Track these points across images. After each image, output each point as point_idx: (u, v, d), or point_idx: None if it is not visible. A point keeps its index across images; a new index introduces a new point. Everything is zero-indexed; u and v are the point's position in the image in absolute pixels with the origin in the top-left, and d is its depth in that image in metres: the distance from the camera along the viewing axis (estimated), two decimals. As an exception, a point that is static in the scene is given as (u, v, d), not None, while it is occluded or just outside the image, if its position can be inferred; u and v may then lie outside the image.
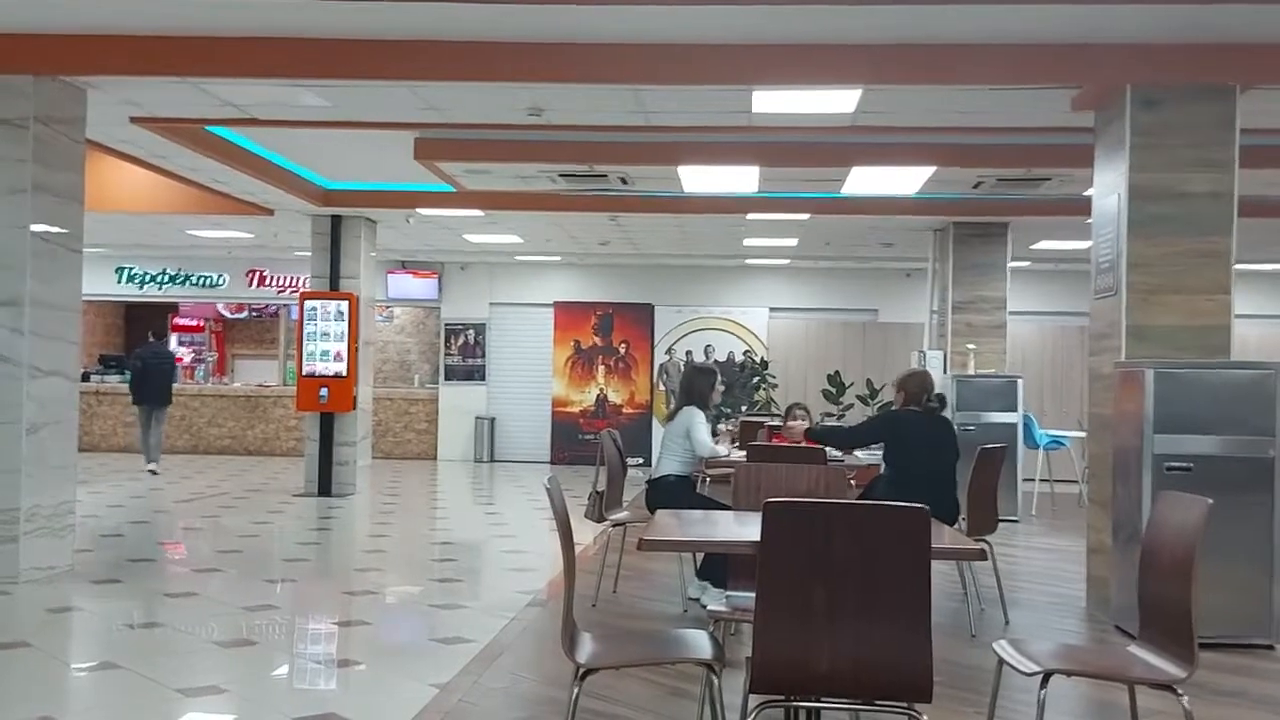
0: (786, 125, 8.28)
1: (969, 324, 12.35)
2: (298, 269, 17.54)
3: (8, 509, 6.97)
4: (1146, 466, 6.10)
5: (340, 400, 12.78)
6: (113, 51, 6.81)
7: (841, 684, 3.08)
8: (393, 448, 17.99)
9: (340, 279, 12.99)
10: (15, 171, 7.04)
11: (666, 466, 6.98)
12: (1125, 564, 6.17)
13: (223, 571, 8.03)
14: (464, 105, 7.95)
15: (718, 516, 4.88)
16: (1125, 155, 6.60)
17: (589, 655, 3.51)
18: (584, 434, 17.39)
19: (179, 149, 9.28)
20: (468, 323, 18.14)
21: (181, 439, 17.75)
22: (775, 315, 17.80)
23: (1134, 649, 3.70)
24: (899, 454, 6.76)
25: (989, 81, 6.87)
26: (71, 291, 7.48)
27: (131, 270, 18.32)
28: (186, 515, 10.97)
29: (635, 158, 9.45)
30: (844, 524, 3.04)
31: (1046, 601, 7.46)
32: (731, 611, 4.10)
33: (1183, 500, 3.59)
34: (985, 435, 10.15)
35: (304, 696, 5.12)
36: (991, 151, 9.18)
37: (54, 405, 7.27)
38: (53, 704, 4.81)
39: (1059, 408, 16.16)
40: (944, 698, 4.59)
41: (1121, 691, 3.99)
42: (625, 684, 4.94)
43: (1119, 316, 6.63)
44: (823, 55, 6.66)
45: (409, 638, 6.43)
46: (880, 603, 3.03)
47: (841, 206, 11.50)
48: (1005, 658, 3.65)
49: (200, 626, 6.20)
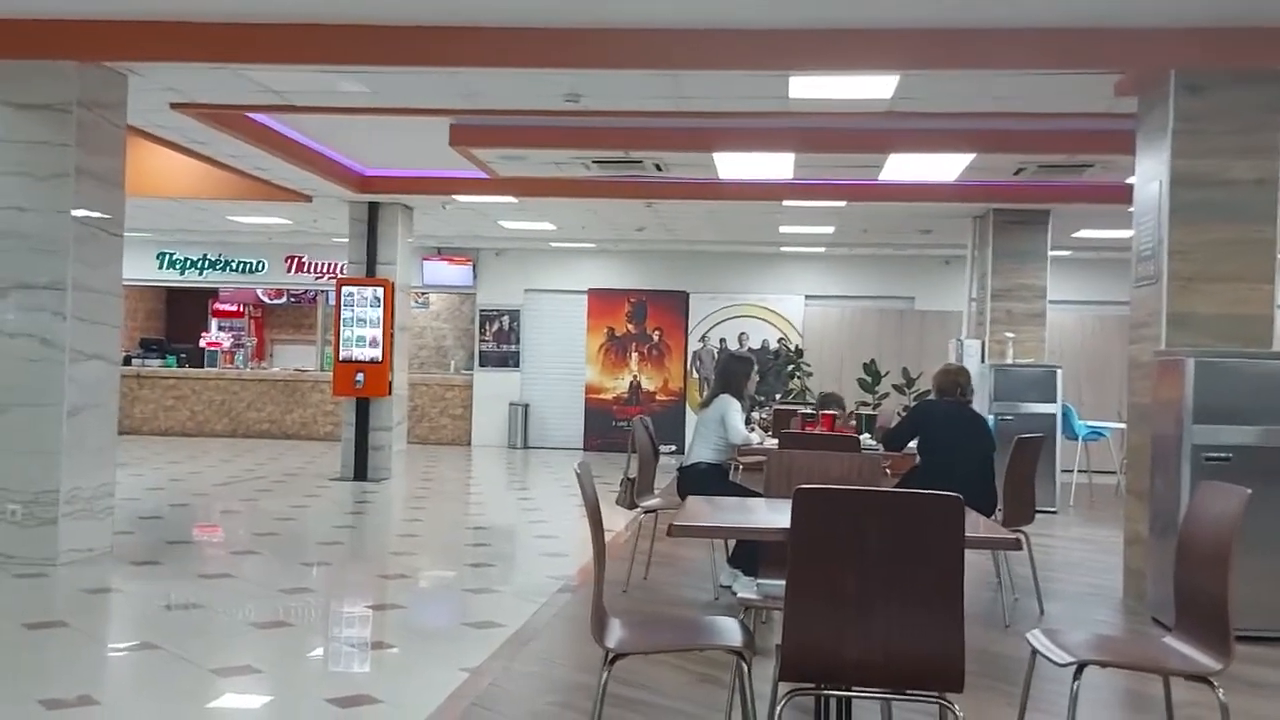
0: (823, 111, 8.22)
1: (1008, 312, 12.22)
2: (336, 255, 17.65)
3: (48, 491, 7.06)
4: (1185, 457, 6.02)
5: (376, 385, 12.86)
6: (154, 37, 6.86)
7: (872, 673, 3.06)
8: (428, 433, 18.08)
9: (377, 265, 13.04)
10: (58, 156, 7.09)
11: (699, 454, 6.97)
12: (1162, 555, 6.09)
13: (259, 554, 8.11)
14: (502, 91, 7.95)
15: (749, 503, 4.86)
16: (1167, 141, 6.50)
17: (618, 640, 3.51)
18: (617, 421, 17.39)
19: (219, 135, 9.34)
20: (502, 309, 18.19)
21: (220, 423, 17.93)
22: (811, 303, 17.70)
23: (1169, 640, 3.66)
24: (932, 445, 6.75)
25: (1029, 67, 6.78)
26: (113, 276, 7.55)
27: (172, 255, 18.51)
28: (224, 498, 11.09)
29: (671, 143, 9.40)
30: (876, 511, 3.02)
31: (1082, 592, 7.40)
32: (762, 599, 4.09)
33: (1221, 490, 3.54)
34: (1023, 425, 9.83)
35: (337, 678, 5.17)
36: (1032, 137, 9.04)
37: (95, 389, 7.35)
38: (91, 683, 4.87)
39: (1098, 398, 15.96)
40: (976, 688, 4.55)
41: (1156, 683, 3.94)
42: (655, 670, 4.94)
43: (1159, 305, 6.55)
44: (860, 40, 6.59)
45: (441, 622, 6.47)
46: (912, 591, 3.00)
47: (879, 193, 11.40)
48: (1039, 648, 3.62)
49: (236, 608, 6.27)
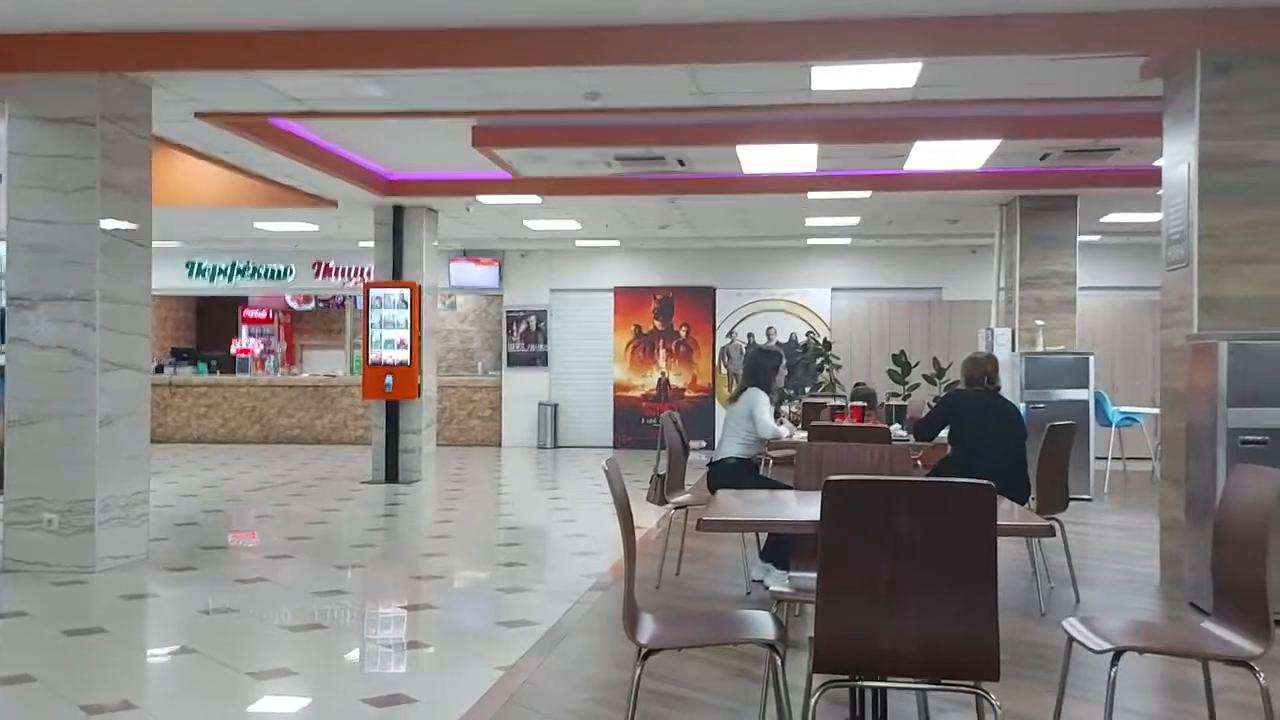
0: (846, 101, 8.17)
1: (1038, 300, 12.13)
2: (362, 259, 17.73)
3: (83, 499, 7.13)
4: (1220, 441, 5.96)
5: (405, 388, 12.91)
6: (176, 48, 6.92)
7: (907, 663, 3.04)
8: (457, 435, 18.14)
9: (403, 268, 13.09)
10: (84, 169, 7.16)
11: (728, 448, 6.96)
12: (1199, 540, 6.02)
13: (293, 558, 8.16)
14: (521, 91, 7.96)
15: (778, 496, 4.86)
16: (1195, 123, 6.43)
17: (651, 636, 3.51)
18: (646, 418, 17.38)
19: (243, 142, 9.39)
20: (529, 309, 18.22)
21: (252, 429, 18.05)
22: (838, 295, 17.62)
23: (1208, 625, 3.62)
24: (963, 435, 6.72)
25: (1052, 51, 6.72)
26: (141, 286, 7.61)
27: (201, 264, 18.64)
28: (258, 503, 11.16)
29: (693, 139, 9.38)
30: (906, 501, 3.00)
31: (1118, 579, 7.33)
32: (794, 592, 4.07)
33: (1257, 473, 3.49)
34: (1056, 413, 9.78)
35: (373, 679, 5.19)
36: (1057, 123, 8.95)
37: (127, 398, 7.41)
38: (130, 688, 4.92)
39: (1131, 384, 15.83)
40: (1013, 676, 4.52)
41: (1196, 669, 3.91)
42: (688, 665, 4.93)
43: (1190, 289, 6.48)
44: (881, 28, 6.55)
45: (475, 621, 6.49)
46: (945, 580, 2.98)
47: (904, 182, 11.34)
48: (1075, 635, 3.59)
49: (272, 611, 6.31)
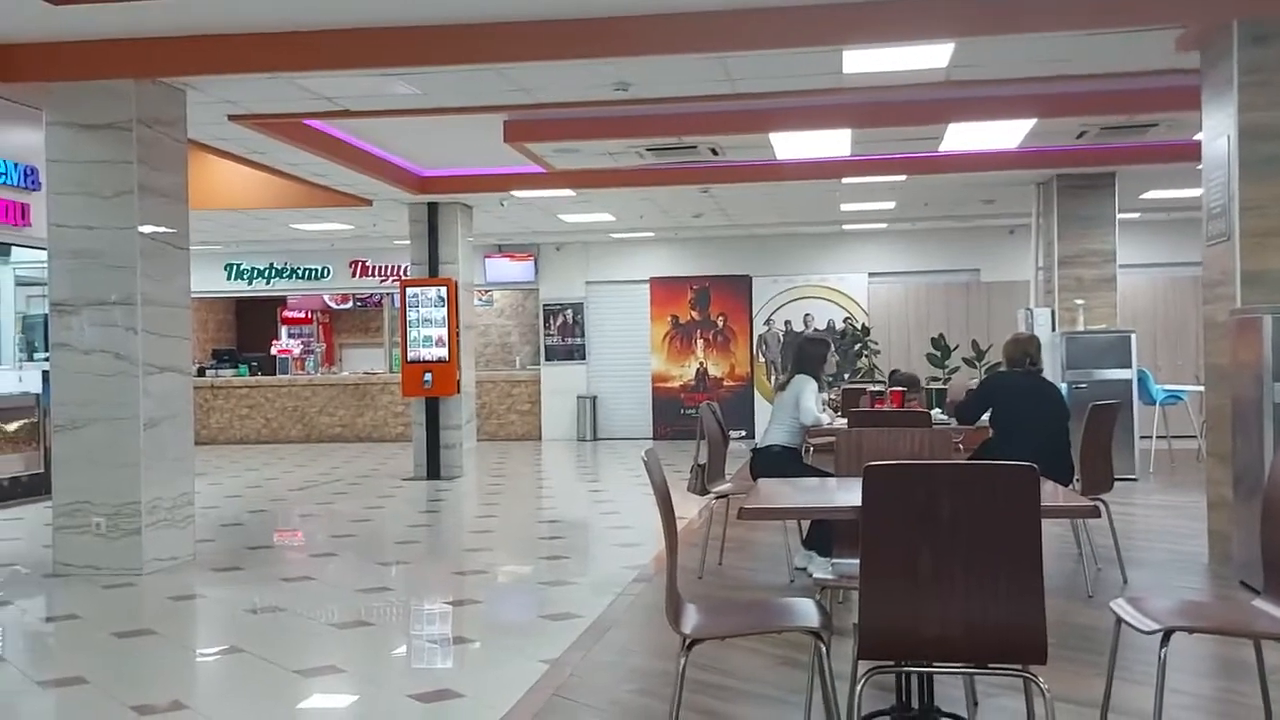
0: (879, 85, 8.10)
1: (1078, 279, 11.99)
2: (398, 257, 17.81)
3: (129, 502, 7.20)
4: (1267, 415, 5.87)
5: (444, 385, 12.97)
6: (209, 51, 6.95)
7: (953, 648, 3.02)
8: (497, 429, 18.21)
9: (439, 265, 13.14)
10: (121, 174, 7.23)
11: (774, 436, 6.94)
12: (1248, 517, 5.93)
13: (338, 556, 8.22)
14: (551, 85, 7.95)
15: (819, 483, 4.83)
16: (1234, 95, 6.33)
17: (694, 626, 3.50)
18: (685, 408, 17.36)
19: (277, 144, 9.47)
20: (565, 303, 18.25)
21: (294, 429, 18.21)
22: (875, 280, 17.52)
23: (1259, 603, 3.56)
24: (1004, 416, 6.66)
25: (1086, 26, 6.62)
26: (181, 289, 7.68)
27: (240, 266, 18.80)
28: (302, 503, 11.26)
29: (725, 127, 9.34)
30: (948, 485, 2.98)
31: (1166, 559, 7.25)
32: (838, 579, 4.05)
33: (1307, 448, 3.44)
34: (1098, 393, 9.55)
35: (419, 674, 5.22)
36: (1094, 99, 8.83)
37: (169, 400, 7.49)
38: (180, 688, 4.97)
39: (1174, 362, 15.63)
40: (1060, 659, 4.48)
41: (1247, 648, 3.84)
42: (733, 655, 4.92)
43: (1232, 263, 6.38)
44: (912, 9, 6.49)
45: (519, 615, 6.51)
46: (990, 564, 2.96)
47: (939, 164, 11.24)
48: (1124, 616, 3.54)
49: (318, 609, 6.36)
